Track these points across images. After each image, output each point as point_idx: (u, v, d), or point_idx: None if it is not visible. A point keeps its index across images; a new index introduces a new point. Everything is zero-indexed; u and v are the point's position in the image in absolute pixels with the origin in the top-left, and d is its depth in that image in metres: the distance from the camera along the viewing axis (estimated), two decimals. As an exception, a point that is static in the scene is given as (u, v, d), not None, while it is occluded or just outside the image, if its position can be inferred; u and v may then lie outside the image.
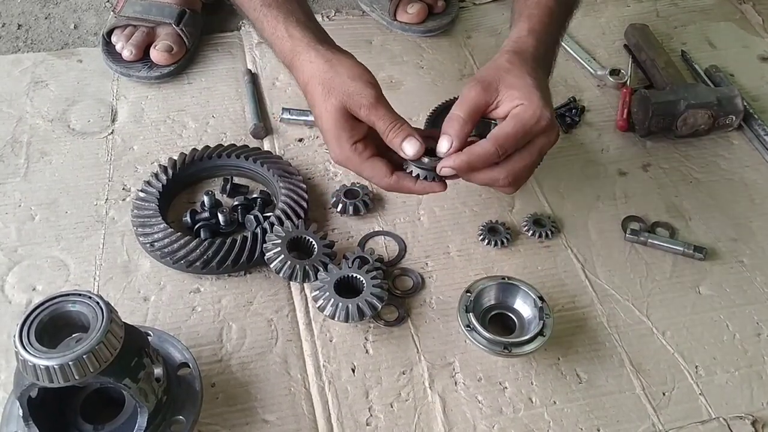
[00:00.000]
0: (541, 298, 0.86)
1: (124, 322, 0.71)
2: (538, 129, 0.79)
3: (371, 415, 0.82)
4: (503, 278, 0.89)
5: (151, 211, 0.95)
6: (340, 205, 1.00)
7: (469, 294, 0.87)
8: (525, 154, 0.81)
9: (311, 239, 0.93)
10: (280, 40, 0.88)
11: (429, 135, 0.82)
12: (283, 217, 0.96)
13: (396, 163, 0.83)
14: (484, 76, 0.83)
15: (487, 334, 0.82)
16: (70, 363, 0.64)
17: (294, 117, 1.13)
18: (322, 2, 1.39)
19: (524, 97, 0.79)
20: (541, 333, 0.83)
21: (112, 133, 1.11)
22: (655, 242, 0.98)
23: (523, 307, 0.88)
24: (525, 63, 0.84)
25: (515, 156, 0.80)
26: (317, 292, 0.87)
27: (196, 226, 0.97)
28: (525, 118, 0.79)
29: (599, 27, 1.34)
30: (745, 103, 1.14)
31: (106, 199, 1.02)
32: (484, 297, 0.88)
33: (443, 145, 0.80)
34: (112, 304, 0.69)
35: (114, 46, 1.21)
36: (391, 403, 0.83)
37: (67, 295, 0.69)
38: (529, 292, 0.87)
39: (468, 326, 0.84)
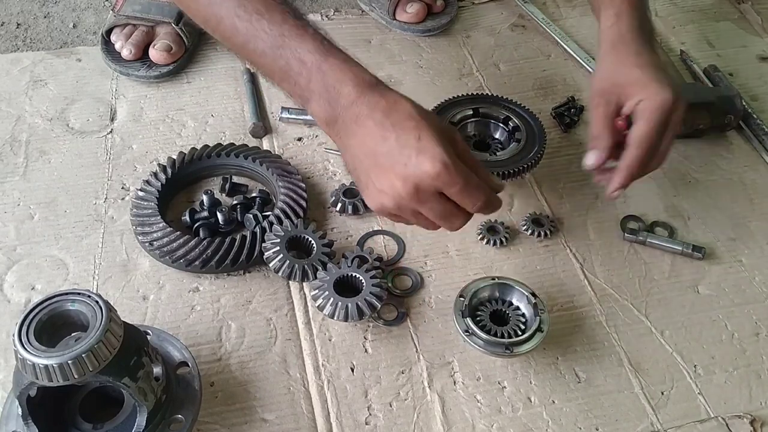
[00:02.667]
0: (534, 295, 0.86)
1: (123, 321, 0.71)
2: (668, 113, 0.84)
3: (370, 414, 0.82)
4: (494, 278, 0.89)
5: (150, 210, 0.95)
6: (339, 204, 1.00)
7: (462, 298, 0.87)
8: (666, 135, 0.85)
9: (310, 238, 0.93)
10: (357, 73, 0.77)
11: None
12: (282, 216, 0.96)
13: None
14: (600, 89, 0.89)
15: (486, 337, 0.83)
16: (69, 362, 0.64)
17: (293, 116, 1.13)
18: (321, 1, 1.39)
19: (642, 91, 0.85)
20: (539, 329, 0.83)
21: (111, 132, 1.11)
22: (654, 242, 0.98)
23: (519, 304, 0.88)
24: (628, 53, 0.88)
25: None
26: (316, 291, 0.87)
27: (195, 225, 0.97)
28: (653, 111, 0.83)
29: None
30: (744, 103, 1.15)
31: (105, 198, 1.02)
32: (479, 299, 0.88)
33: (590, 158, 0.87)
34: (111, 303, 0.69)
35: (113, 45, 1.21)
36: (390, 403, 0.83)
37: (66, 294, 0.69)
38: (522, 290, 0.87)
39: (467, 331, 0.84)
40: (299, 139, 1.12)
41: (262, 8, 0.78)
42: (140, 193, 0.98)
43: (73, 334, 0.69)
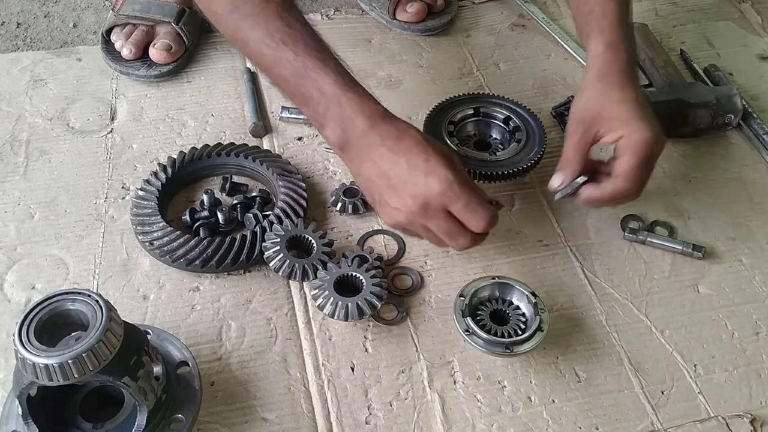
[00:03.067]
0: (534, 294, 0.86)
1: (124, 321, 0.71)
2: (652, 150, 0.86)
3: (370, 414, 0.82)
4: (494, 278, 0.89)
5: (151, 210, 0.95)
6: (340, 204, 1.00)
7: (462, 298, 0.87)
8: (644, 172, 0.88)
9: (310, 238, 0.93)
10: (371, 107, 0.84)
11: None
12: (282, 216, 0.96)
13: None
14: (581, 117, 0.91)
15: (487, 337, 0.83)
16: (69, 361, 0.64)
17: (293, 116, 1.13)
18: (321, 1, 1.39)
19: (625, 127, 0.87)
20: (539, 329, 0.83)
21: (111, 131, 1.11)
22: (654, 241, 0.98)
23: (519, 304, 0.88)
24: (612, 86, 0.90)
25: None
26: (316, 290, 0.87)
27: (196, 225, 0.97)
28: (640, 147, 0.86)
29: (598, 26, 1.34)
30: (744, 103, 1.15)
31: (106, 198, 1.02)
32: (479, 299, 0.88)
33: (556, 180, 0.90)
34: (112, 303, 0.69)
35: (113, 44, 1.21)
36: (390, 402, 0.83)
37: (67, 293, 0.69)
38: (522, 289, 0.87)
39: (467, 331, 0.84)
40: (299, 139, 1.12)
41: (288, 39, 0.84)
42: (140, 193, 0.98)
43: (73, 334, 0.69)
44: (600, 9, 0.95)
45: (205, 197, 0.98)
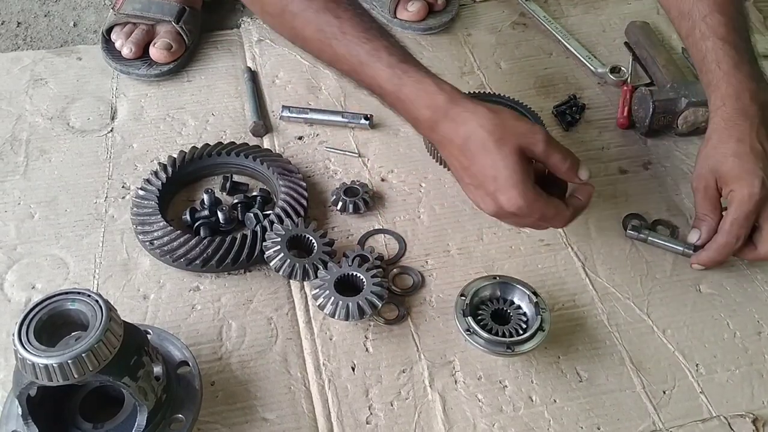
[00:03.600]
0: (535, 293, 0.86)
1: (124, 321, 0.70)
2: (756, 205, 0.88)
3: (371, 414, 0.82)
4: (495, 277, 0.89)
5: (151, 209, 0.95)
6: (340, 203, 1.00)
7: (463, 297, 0.87)
8: (747, 224, 0.90)
9: (311, 237, 0.93)
10: (432, 96, 0.82)
11: None
12: (282, 216, 0.95)
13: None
14: (700, 173, 0.93)
15: (488, 336, 0.82)
16: (69, 361, 0.64)
17: (294, 115, 1.13)
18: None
19: (735, 181, 0.89)
20: (540, 328, 0.83)
21: (111, 131, 1.11)
22: (655, 240, 0.98)
23: (520, 303, 0.88)
24: (729, 140, 0.91)
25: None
26: (317, 290, 0.87)
27: (196, 224, 0.97)
28: (741, 203, 0.88)
29: (600, 24, 1.34)
30: (746, 101, 1.14)
31: (106, 197, 1.01)
32: (480, 298, 0.88)
33: (694, 237, 0.94)
34: (112, 303, 0.69)
35: (113, 43, 1.21)
36: (391, 402, 0.83)
37: (67, 293, 0.69)
38: (523, 289, 0.87)
39: (468, 330, 0.84)
40: (300, 138, 1.11)
41: (337, 33, 0.84)
42: (141, 192, 0.98)
43: (73, 334, 0.69)
44: (712, 56, 0.93)
45: (205, 197, 0.98)
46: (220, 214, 0.97)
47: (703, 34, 0.94)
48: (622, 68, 1.22)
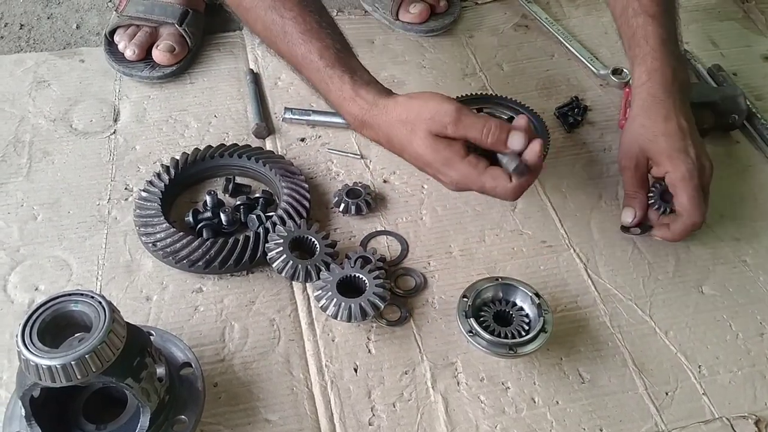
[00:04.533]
0: (537, 295, 0.86)
1: (127, 322, 0.71)
2: (698, 178, 0.90)
3: (374, 415, 0.82)
4: (497, 279, 0.89)
5: (154, 211, 0.95)
6: (342, 205, 1.00)
7: (465, 299, 0.87)
8: (700, 197, 0.92)
9: (313, 239, 0.93)
10: (350, 102, 0.87)
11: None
12: (285, 217, 0.95)
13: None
14: (629, 152, 0.95)
15: (490, 338, 0.82)
16: (72, 363, 0.64)
17: (296, 116, 1.13)
18: (324, 2, 1.39)
19: (668, 162, 0.91)
20: (542, 330, 0.83)
21: (114, 132, 1.11)
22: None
23: (523, 305, 0.88)
24: (658, 116, 0.93)
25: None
26: (320, 291, 0.87)
27: (199, 226, 0.97)
28: (686, 183, 0.89)
29: (602, 26, 1.34)
30: (748, 103, 1.14)
31: (109, 199, 1.02)
32: (482, 300, 0.88)
33: (628, 216, 0.95)
34: (115, 304, 0.69)
35: (116, 45, 1.21)
36: (393, 403, 0.83)
37: (70, 294, 0.69)
38: (525, 290, 0.87)
39: (470, 332, 0.84)
40: (302, 140, 1.12)
41: (280, 32, 0.89)
42: (143, 194, 0.98)
43: (76, 335, 0.69)
44: (642, 32, 0.96)
45: (208, 198, 0.98)
46: (222, 216, 0.97)
47: (635, 11, 0.98)
48: (624, 70, 1.22)
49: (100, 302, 0.68)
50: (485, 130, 0.79)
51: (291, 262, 0.90)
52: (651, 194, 0.95)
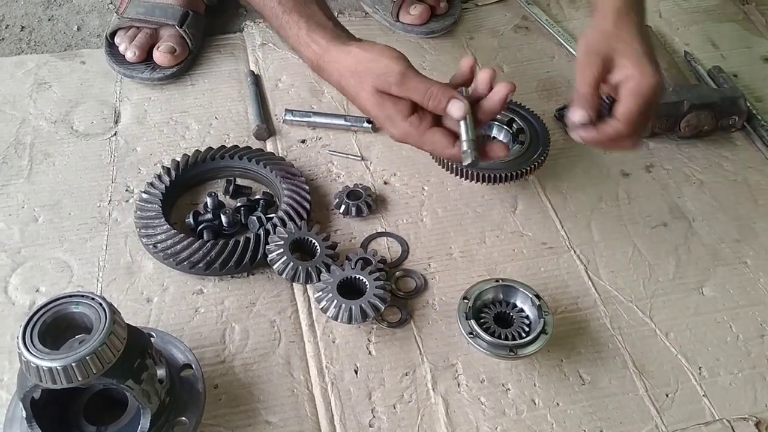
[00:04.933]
0: (538, 296, 0.86)
1: (127, 324, 0.71)
2: (655, 97, 0.85)
3: (374, 417, 0.82)
4: (497, 280, 0.89)
5: (154, 213, 0.96)
6: (343, 207, 1.00)
7: (466, 300, 0.87)
8: (645, 117, 0.86)
9: (314, 240, 0.93)
10: (305, 47, 0.91)
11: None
12: (285, 219, 0.96)
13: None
14: (596, 50, 0.87)
15: (490, 339, 0.82)
16: (73, 364, 0.64)
17: (297, 118, 1.13)
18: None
19: (636, 67, 0.85)
20: (543, 331, 0.83)
21: (115, 134, 1.11)
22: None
23: (523, 306, 0.88)
24: (630, 23, 0.88)
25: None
26: (320, 293, 0.87)
27: (199, 228, 0.97)
28: (644, 91, 0.84)
29: (602, 28, 1.34)
30: (749, 104, 1.14)
31: (110, 201, 1.02)
32: (482, 301, 0.88)
33: (577, 115, 0.85)
34: (115, 306, 0.69)
35: (117, 47, 1.21)
36: (393, 405, 0.83)
37: (70, 296, 0.69)
38: (526, 292, 0.87)
39: (471, 333, 0.84)
40: (303, 142, 1.12)
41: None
42: (144, 196, 0.98)
43: (77, 337, 0.69)
44: None
45: (208, 200, 0.99)
46: (223, 218, 0.97)
47: None
48: (625, 71, 1.22)
49: (100, 304, 0.68)
50: (427, 95, 0.82)
51: (291, 263, 0.90)
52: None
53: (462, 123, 0.82)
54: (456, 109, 0.82)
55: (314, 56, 0.90)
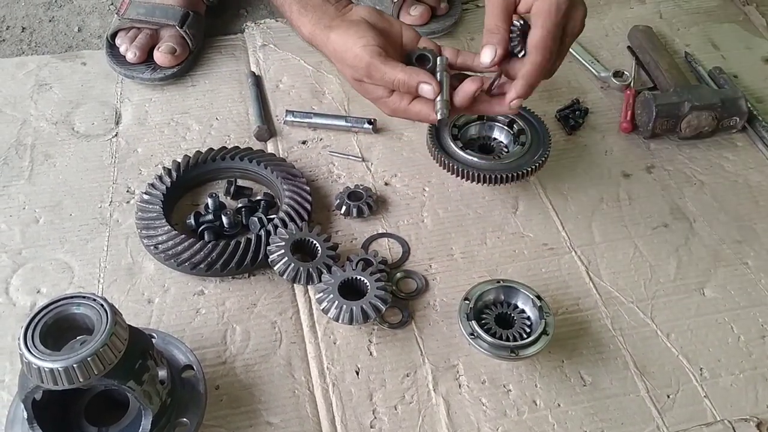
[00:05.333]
0: (539, 297, 0.86)
1: (128, 325, 0.71)
2: (563, 17, 0.82)
3: (375, 418, 0.82)
4: (499, 281, 0.89)
5: (155, 214, 0.96)
6: (344, 207, 1.00)
7: (467, 301, 0.87)
8: (564, 40, 0.85)
9: (315, 241, 0.93)
10: (297, 29, 0.97)
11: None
12: (286, 220, 0.96)
13: None
14: None
15: (492, 340, 0.82)
16: (74, 365, 0.64)
17: (298, 119, 1.13)
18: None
19: None
20: (544, 332, 0.83)
21: (116, 135, 1.11)
22: None
23: (524, 307, 0.88)
24: None
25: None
26: (321, 294, 0.87)
27: (200, 229, 0.97)
28: (548, 15, 0.81)
29: (602, 29, 1.34)
30: (749, 105, 1.14)
31: (110, 202, 1.02)
32: (483, 302, 0.88)
33: (487, 55, 0.83)
34: (117, 307, 0.70)
35: (118, 48, 1.21)
36: (395, 406, 0.83)
37: (72, 297, 0.69)
38: (527, 293, 0.87)
39: (472, 334, 0.84)
40: (304, 143, 1.12)
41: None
42: (145, 197, 0.98)
43: (78, 338, 0.69)
44: None
45: (209, 201, 0.99)
46: (224, 219, 0.97)
47: None
48: (625, 72, 1.22)
49: (101, 305, 0.68)
50: (395, 84, 0.85)
51: (292, 264, 0.90)
52: (512, 33, 0.84)
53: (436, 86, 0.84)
54: (427, 92, 0.84)
55: (307, 36, 0.95)
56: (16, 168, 1.06)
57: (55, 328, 0.68)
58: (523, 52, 0.84)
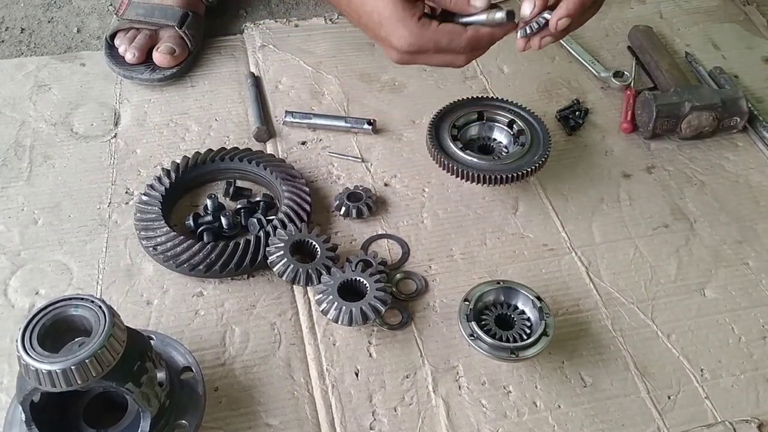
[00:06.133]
0: (539, 298, 0.86)
1: (127, 326, 0.70)
2: None
3: (375, 419, 0.82)
4: (498, 282, 0.89)
5: (154, 215, 0.95)
6: (343, 208, 1.00)
7: (467, 302, 0.86)
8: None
9: (314, 242, 0.93)
10: None
11: None
12: (286, 221, 0.95)
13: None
14: None
15: (491, 341, 0.82)
16: (72, 367, 0.64)
17: (297, 120, 1.13)
18: (325, 5, 1.39)
19: None
20: (544, 333, 0.83)
21: (115, 136, 1.11)
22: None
23: (524, 308, 0.88)
24: None
25: None
26: (320, 295, 0.87)
27: (199, 230, 0.97)
28: None
29: (603, 29, 1.34)
30: (750, 105, 1.14)
31: (109, 203, 1.02)
32: (483, 303, 0.88)
33: (527, 7, 0.86)
34: (115, 308, 0.69)
35: (117, 49, 1.21)
36: (394, 407, 0.82)
37: (70, 299, 0.69)
38: (527, 294, 0.87)
39: (472, 336, 0.84)
40: (303, 143, 1.12)
41: None
42: (144, 198, 0.98)
43: (76, 340, 0.69)
44: None
45: (208, 202, 0.98)
46: (223, 220, 0.97)
47: None
48: (625, 72, 1.22)
49: (100, 306, 0.68)
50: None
51: (292, 265, 0.90)
52: None
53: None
54: (480, 1, 0.85)
55: None
56: (15, 169, 1.06)
57: (53, 329, 0.68)
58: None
